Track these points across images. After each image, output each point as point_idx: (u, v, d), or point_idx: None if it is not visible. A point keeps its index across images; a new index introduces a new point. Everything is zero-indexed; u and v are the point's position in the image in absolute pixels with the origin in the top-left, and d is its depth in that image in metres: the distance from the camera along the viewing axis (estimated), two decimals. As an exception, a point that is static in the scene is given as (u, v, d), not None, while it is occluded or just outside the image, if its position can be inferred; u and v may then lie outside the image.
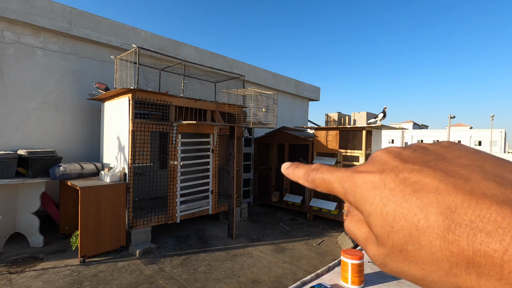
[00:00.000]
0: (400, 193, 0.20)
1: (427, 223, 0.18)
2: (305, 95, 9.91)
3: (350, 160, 5.21)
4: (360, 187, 0.22)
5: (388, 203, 0.20)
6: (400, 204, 0.19)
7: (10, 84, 4.43)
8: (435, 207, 0.18)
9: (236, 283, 3.07)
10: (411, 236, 0.19)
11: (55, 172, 3.80)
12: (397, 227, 0.19)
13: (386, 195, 0.20)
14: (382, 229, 0.20)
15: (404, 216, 0.19)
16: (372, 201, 0.21)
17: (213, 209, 4.79)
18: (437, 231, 0.18)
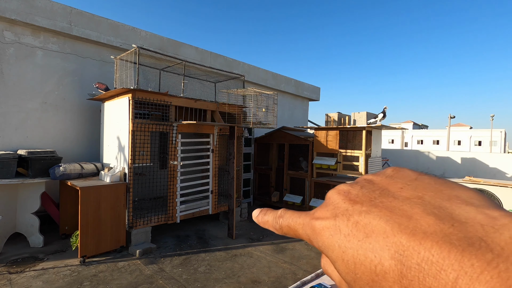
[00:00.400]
0: (354, 239, 0.20)
1: (383, 268, 0.18)
2: (305, 95, 9.91)
3: (350, 160, 5.22)
4: (320, 235, 0.23)
5: (346, 250, 0.20)
6: (357, 251, 0.20)
7: (10, 84, 4.43)
8: (386, 251, 0.18)
9: (236, 283, 3.07)
10: (374, 282, 0.19)
11: (55, 172, 3.80)
12: (359, 273, 0.20)
13: (343, 242, 0.21)
14: (348, 276, 0.21)
15: (362, 263, 0.19)
16: (332, 248, 0.21)
17: (213, 209, 4.79)
18: (393, 276, 0.18)
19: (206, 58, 6.87)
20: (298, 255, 3.85)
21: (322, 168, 5.53)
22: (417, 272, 0.16)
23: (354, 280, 0.20)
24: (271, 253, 3.88)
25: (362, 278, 0.19)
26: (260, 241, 4.33)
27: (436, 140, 35.88)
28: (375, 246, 0.19)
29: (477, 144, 34.04)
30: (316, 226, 0.23)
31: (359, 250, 0.20)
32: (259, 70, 8.20)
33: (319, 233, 0.23)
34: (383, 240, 0.19)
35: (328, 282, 1.29)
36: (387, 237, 0.19)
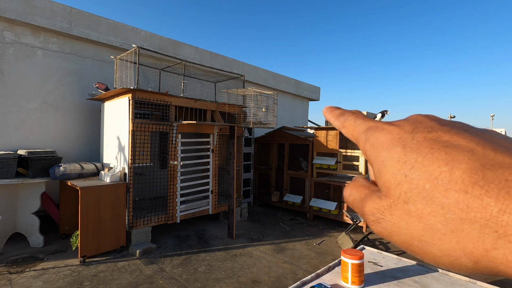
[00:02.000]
0: (427, 146, 0.19)
1: (450, 177, 0.17)
2: (305, 95, 9.91)
3: (350, 160, 5.21)
4: (384, 136, 0.21)
5: (410, 153, 0.19)
6: (425, 155, 0.18)
7: (10, 84, 4.43)
8: (464, 163, 0.17)
9: (236, 283, 3.07)
10: (425, 187, 0.18)
11: (55, 172, 3.80)
12: (412, 176, 0.18)
13: (411, 146, 0.20)
14: (393, 177, 0.19)
15: (424, 167, 0.18)
16: (392, 148, 0.20)
17: (213, 209, 4.79)
18: (460, 185, 0.17)
19: (206, 58, 6.87)
20: (298, 255, 3.85)
21: (322, 168, 5.53)
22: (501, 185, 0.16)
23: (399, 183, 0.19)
24: (271, 253, 3.88)
25: (412, 181, 0.18)
26: (260, 241, 4.33)
27: (436, 140, 35.87)
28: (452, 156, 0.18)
29: (477, 144, 34.09)
30: (386, 128, 0.22)
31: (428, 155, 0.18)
32: (259, 70, 8.20)
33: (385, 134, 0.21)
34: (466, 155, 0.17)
35: (328, 282, 1.29)
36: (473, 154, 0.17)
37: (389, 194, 0.20)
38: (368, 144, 0.22)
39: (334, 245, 4.22)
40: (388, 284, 1.28)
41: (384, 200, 0.20)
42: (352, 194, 0.24)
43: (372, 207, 0.21)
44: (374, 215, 0.21)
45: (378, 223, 0.20)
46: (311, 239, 4.45)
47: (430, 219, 0.17)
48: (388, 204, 0.20)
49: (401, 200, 0.19)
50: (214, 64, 6.85)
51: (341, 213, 5.13)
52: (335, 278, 1.34)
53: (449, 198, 0.17)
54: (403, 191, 0.19)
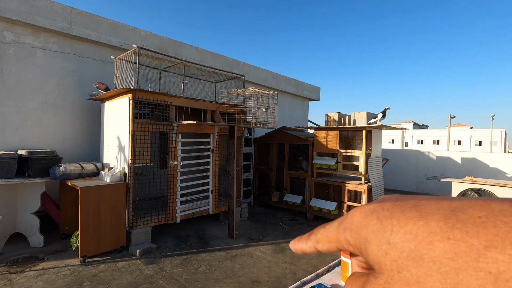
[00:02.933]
0: (397, 210, 0.20)
1: (428, 229, 0.17)
2: (305, 95, 9.91)
3: (350, 160, 5.21)
4: (357, 216, 0.22)
5: (385, 221, 0.20)
6: (398, 218, 0.19)
7: (10, 84, 4.43)
8: (436, 213, 0.18)
9: (236, 283, 3.07)
10: (410, 248, 0.18)
11: (55, 172, 3.80)
12: (394, 240, 0.18)
13: (383, 214, 0.20)
14: (379, 248, 0.19)
15: (402, 228, 0.18)
16: (368, 223, 0.21)
17: (213, 209, 4.79)
18: (440, 234, 0.17)
19: (206, 58, 6.87)
20: (298, 255, 3.85)
21: (322, 168, 5.53)
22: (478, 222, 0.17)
23: (386, 253, 0.19)
24: (271, 253, 3.88)
25: (396, 245, 0.18)
26: (260, 241, 4.33)
27: (436, 140, 35.87)
28: (423, 211, 0.19)
29: (477, 144, 34.03)
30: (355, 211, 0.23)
31: (401, 217, 0.19)
32: (259, 70, 8.20)
33: (358, 214, 0.22)
34: (434, 207, 0.18)
35: (328, 282, 1.29)
36: (439, 205, 0.18)
37: (381, 269, 0.19)
38: (348, 233, 0.23)
39: (334, 245, 4.22)
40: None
41: (379, 277, 0.19)
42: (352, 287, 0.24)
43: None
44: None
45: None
46: (311, 239, 4.44)
47: (428, 280, 0.17)
48: (384, 280, 0.19)
49: (394, 270, 0.18)
50: (214, 64, 6.85)
51: (341, 213, 5.13)
52: (335, 278, 1.34)
53: (436, 250, 0.17)
54: (393, 260, 0.18)
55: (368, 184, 4.92)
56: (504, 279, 0.14)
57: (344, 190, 5.11)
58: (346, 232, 0.23)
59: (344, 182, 5.14)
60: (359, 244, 0.21)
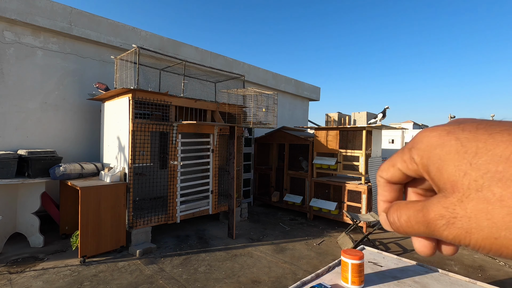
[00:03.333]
0: (484, 133, 0.18)
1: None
2: (305, 95, 9.91)
3: (350, 160, 5.21)
4: (428, 137, 0.21)
5: (467, 143, 0.18)
6: (485, 141, 0.18)
7: (10, 84, 4.43)
8: None
9: (236, 283, 3.07)
10: (497, 170, 0.17)
11: (55, 172, 3.80)
12: (478, 162, 0.18)
13: (465, 136, 0.19)
14: (457, 169, 0.18)
15: (489, 151, 0.18)
16: (445, 144, 0.19)
17: (213, 209, 4.79)
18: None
19: (206, 58, 6.86)
20: (298, 255, 3.85)
21: (322, 168, 5.53)
22: None
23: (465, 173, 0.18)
24: (271, 253, 3.88)
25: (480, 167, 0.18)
26: (260, 241, 4.33)
27: (436, 140, 35.82)
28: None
29: (477, 144, 34.02)
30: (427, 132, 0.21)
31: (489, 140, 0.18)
32: (259, 70, 8.19)
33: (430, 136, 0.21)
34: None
35: (328, 282, 1.29)
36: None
37: (456, 188, 0.19)
38: (415, 151, 0.22)
39: (334, 245, 4.22)
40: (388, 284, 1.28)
41: (451, 196, 0.19)
42: (402, 214, 0.23)
43: (439, 209, 0.19)
44: (443, 217, 0.19)
45: (451, 224, 0.19)
46: (311, 239, 4.45)
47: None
48: (458, 199, 0.18)
49: (472, 189, 0.18)
50: (214, 64, 6.85)
51: (341, 213, 5.13)
52: (335, 278, 1.34)
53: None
54: (473, 179, 0.18)
55: (368, 184, 4.92)
56: None
57: (344, 190, 5.11)
58: (412, 151, 0.22)
59: (344, 182, 5.14)
60: (428, 163, 0.21)
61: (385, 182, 0.26)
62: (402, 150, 0.23)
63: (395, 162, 0.24)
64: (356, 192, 4.97)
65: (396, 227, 0.23)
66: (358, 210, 4.91)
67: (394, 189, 0.26)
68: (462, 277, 1.37)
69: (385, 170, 0.26)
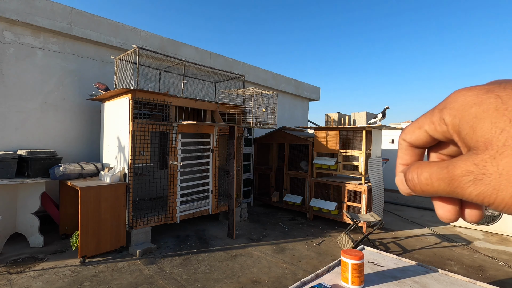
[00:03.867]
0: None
1: None
2: (305, 95, 9.92)
3: (350, 160, 5.21)
4: (464, 96, 0.20)
5: (509, 100, 0.18)
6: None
7: (10, 84, 4.43)
8: None
9: (236, 283, 3.07)
10: None
11: (55, 172, 3.80)
12: None
13: (505, 93, 0.18)
14: (494, 125, 0.18)
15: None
16: (483, 101, 0.19)
17: (213, 209, 4.79)
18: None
19: (206, 58, 6.87)
20: (298, 255, 3.85)
21: (322, 168, 5.53)
22: None
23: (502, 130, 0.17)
24: (271, 253, 3.88)
25: None
26: (260, 241, 4.33)
27: (436, 140, 35.84)
28: None
29: (477, 144, 34.02)
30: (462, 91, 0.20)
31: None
32: (259, 70, 8.20)
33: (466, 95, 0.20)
34: None
35: (328, 282, 1.29)
36: None
37: (489, 145, 0.18)
38: (446, 111, 0.21)
39: (334, 245, 4.22)
40: (388, 284, 1.28)
41: (483, 153, 0.18)
42: (424, 171, 0.22)
43: (468, 165, 0.19)
44: (471, 173, 0.18)
45: (479, 180, 0.18)
46: (311, 239, 4.45)
47: None
48: (490, 155, 0.18)
49: (509, 146, 0.17)
50: (214, 65, 6.85)
51: (341, 213, 5.13)
52: (335, 278, 1.34)
53: None
54: (510, 137, 0.17)
55: (368, 184, 4.92)
56: None
57: (344, 190, 5.11)
58: (443, 112, 0.21)
59: (344, 182, 5.14)
60: (461, 122, 0.20)
61: (407, 146, 0.25)
62: (431, 110, 0.22)
63: (422, 123, 0.23)
64: (356, 192, 4.97)
65: (413, 185, 0.22)
66: (358, 210, 4.91)
67: (416, 153, 0.26)
68: (462, 277, 1.37)
69: (409, 133, 0.25)
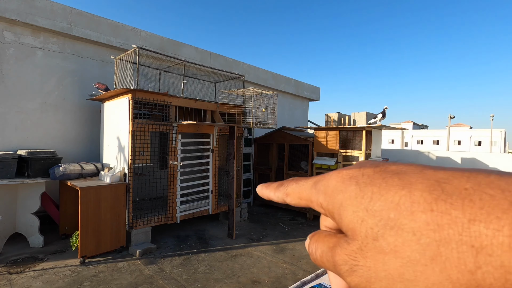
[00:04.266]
0: (379, 177, 0.18)
1: (411, 199, 0.16)
2: (305, 95, 9.92)
3: (350, 160, 5.21)
4: (334, 180, 0.21)
5: (364, 187, 0.18)
6: (379, 185, 0.18)
7: (10, 84, 4.43)
8: (420, 183, 0.17)
9: (236, 283, 3.07)
10: (389, 216, 0.17)
11: (55, 172, 3.80)
12: (373, 208, 0.17)
13: (363, 181, 0.19)
14: (355, 215, 0.18)
15: (382, 196, 0.17)
16: (346, 188, 0.19)
17: (213, 209, 4.79)
18: (423, 205, 0.16)
19: (206, 58, 6.87)
20: (298, 255, 3.85)
21: (322, 168, 5.53)
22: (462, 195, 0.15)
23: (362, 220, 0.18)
24: (271, 253, 3.88)
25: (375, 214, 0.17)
26: (260, 241, 4.33)
27: (436, 140, 35.87)
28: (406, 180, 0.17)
29: (477, 144, 34.03)
30: (333, 174, 0.21)
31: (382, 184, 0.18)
32: (259, 70, 8.20)
33: (335, 178, 0.21)
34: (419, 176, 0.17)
35: (328, 282, 1.29)
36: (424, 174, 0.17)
37: (355, 235, 0.18)
38: (321, 195, 0.21)
39: (334, 245, 4.22)
40: (388, 284, 1.28)
41: (352, 243, 0.18)
42: (318, 247, 0.22)
43: (343, 254, 0.19)
44: (347, 263, 0.19)
45: (353, 271, 0.18)
46: (311, 239, 4.45)
47: (406, 250, 0.16)
48: (358, 247, 0.18)
49: (369, 238, 0.17)
50: (214, 65, 6.85)
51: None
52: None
53: (417, 221, 0.16)
54: (369, 227, 0.17)
55: (368, 184, 4.92)
56: (487, 254, 0.14)
57: (344, 190, 5.11)
58: (319, 195, 0.22)
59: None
60: (332, 209, 0.20)
61: (282, 202, 0.26)
62: (312, 186, 0.23)
63: (303, 196, 0.23)
64: (356, 192, 4.97)
65: (313, 259, 0.23)
66: (358, 210, 4.91)
67: None
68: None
69: (290, 196, 0.24)
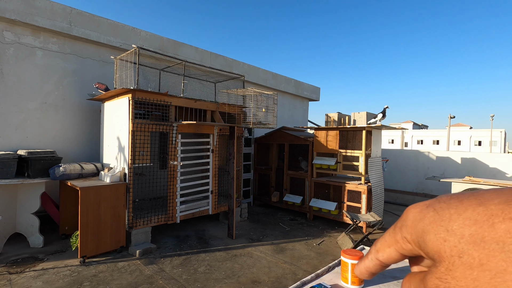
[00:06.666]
0: (455, 200, 0.20)
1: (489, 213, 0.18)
2: (305, 95, 9.91)
3: (350, 160, 5.22)
4: (411, 213, 0.22)
5: (441, 212, 0.20)
6: (456, 207, 0.19)
7: (10, 84, 4.43)
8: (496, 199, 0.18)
9: (236, 283, 3.07)
10: (470, 233, 0.18)
11: (55, 172, 3.80)
12: (453, 227, 0.19)
13: (440, 206, 0.21)
14: (437, 237, 0.19)
15: (460, 215, 0.19)
16: (424, 216, 0.21)
17: (213, 209, 4.79)
18: (501, 215, 0.17)
19: (206, 58, 6.87)
20: (298, 255, 3.85)
21: (322, 168, 5.53)
22: None
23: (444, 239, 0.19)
24: (271, 253, 3.88)
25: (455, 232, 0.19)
26: (260, 241, 4.33)
27: (436, 140, 35.86)
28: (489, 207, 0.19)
29: (477, 144, 34.02)
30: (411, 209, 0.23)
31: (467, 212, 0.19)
32: (259, 70, 8.20)
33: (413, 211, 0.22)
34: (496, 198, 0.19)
35: (328, 282, 1.29)
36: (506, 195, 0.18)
37: (441, 256, 0.19)
38: (404, 229, 0.23)
39: (334, 245, 4.22)
40: (388, 284, 1.28)
41: (440, 265, 0.19)
42: (411, 282, 0.23)
43: (433, 280, 0.20)
44: (438, 286, 0.19)
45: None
46: (311, 239, 4.45)
47: (492, 261, 0.16)
48: (445, 267, 0.19)
49: (455, 256, 0.18)
50: (214, 65, 6.85)
51: (341, 213, 5.13)
52: (335, 278, 1.34)
53: (498, 231, 0.17)
54: (453, 245, 0.18)
55: (368, 184, 4.92)
56: None
57: (344, 190, 5.11)
58: (402, 230, 0.23)
59: (344, 182, 5.14)
60: (417, 238, 0.21)
61: (380, 264, 0.26)
62: (393, 228, 0.24)
63: (390, 242, 0.24)
64: (356, 192, 4.97)
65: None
66: (358, 210, 4.91)
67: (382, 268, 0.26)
68: (462, 277, 1.36)
69: (381, 251, 0.25)
